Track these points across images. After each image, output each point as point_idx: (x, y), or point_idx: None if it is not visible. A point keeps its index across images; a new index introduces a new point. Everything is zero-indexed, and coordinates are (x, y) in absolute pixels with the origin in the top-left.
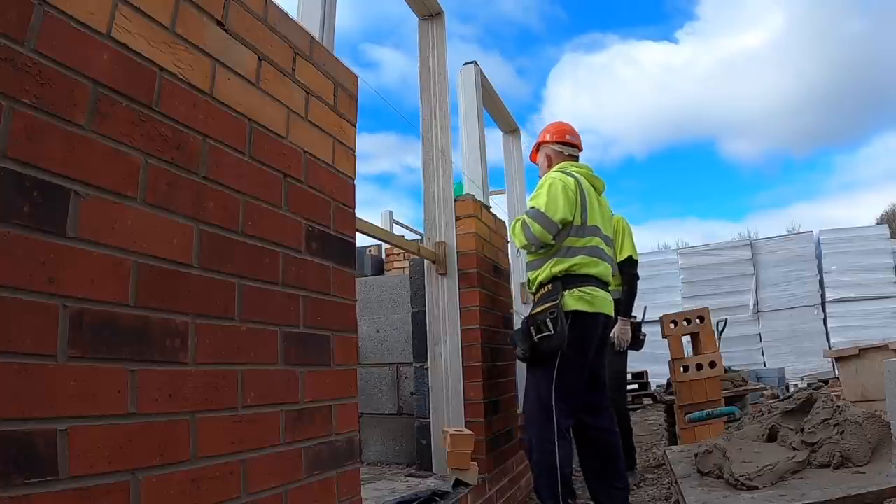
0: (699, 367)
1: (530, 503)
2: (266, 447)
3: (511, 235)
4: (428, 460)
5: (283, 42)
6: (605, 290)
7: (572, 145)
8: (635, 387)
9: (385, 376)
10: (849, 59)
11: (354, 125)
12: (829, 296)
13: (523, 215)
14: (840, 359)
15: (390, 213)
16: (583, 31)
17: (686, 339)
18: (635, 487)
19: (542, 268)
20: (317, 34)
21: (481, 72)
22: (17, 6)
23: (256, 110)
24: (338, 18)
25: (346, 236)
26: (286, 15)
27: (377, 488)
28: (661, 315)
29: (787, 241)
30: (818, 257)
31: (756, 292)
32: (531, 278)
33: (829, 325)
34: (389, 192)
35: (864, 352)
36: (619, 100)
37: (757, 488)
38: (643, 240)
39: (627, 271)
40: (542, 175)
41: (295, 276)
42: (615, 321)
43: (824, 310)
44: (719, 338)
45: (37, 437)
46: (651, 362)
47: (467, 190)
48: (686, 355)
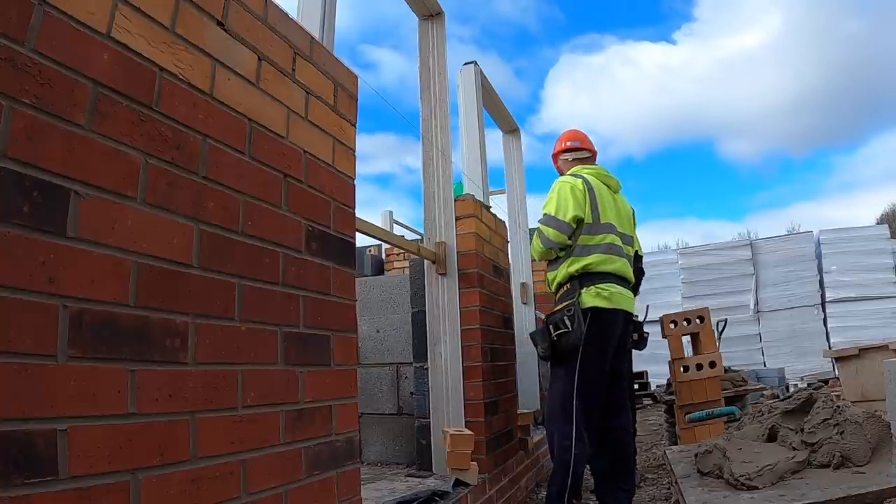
0: (699, 367)
1: (530, 503)
2: (266, 447)
3: (531, 253)
4: (428, 460)
5: (283, 42)
6: (624, 287)
7: (577, 149)
8: (635, 387)
9: (385, 376)
10: (846, 59)
11: (354, 125)
12: (829, 296)
13: (538, 226)
14: (840, 359)
15: (390, 213)
16: (580, 32)
17: (686, 339)
18: (635, 488)
19: (560, 268)
20: (317, 34)
21: (481, 72)
22: (17, 6)
23: (256, 110)
24: (337, 19)
25: (346, 236)
26: (286, 15)
27: (377, 488)
28: (661, 315)
29: (787, 241)
30: (818, 257)
31: (756, 292)
32: (550, 279)
33: (829, 325)
34: (389, 193)
35: (864, 352)
36: (617, 100)
37: (757, 488)
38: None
39: (633, 266)
40: None
41: (295, 276)
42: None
43: (824, 310)
44: (719, 338)
45: (37, 437)
46: (651, 362)
47: (467, 190)
48: (686, 355)
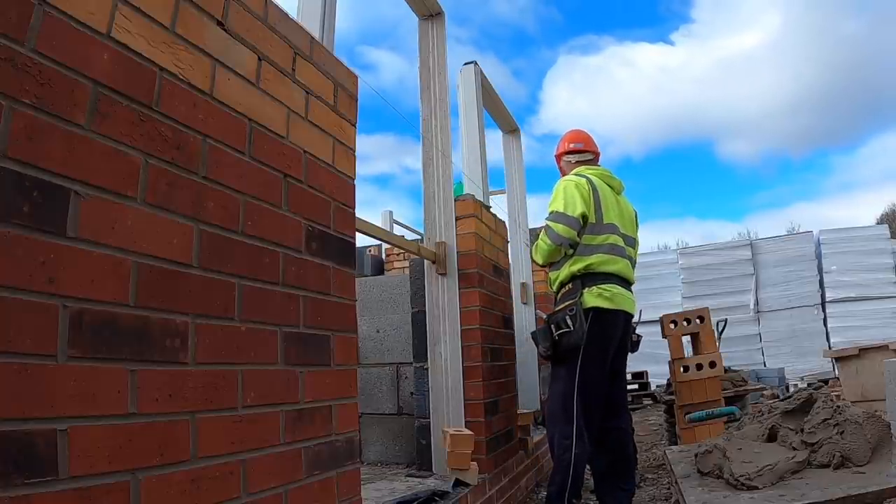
0: (699, 367)
1: (530, 503)
2: (266, 447)
3: (533, 255)
4: (428, 460)
5: (283, 42)
6: (626, 288)
7: (580, 151)
8: (635, 387)
9: (385, 376)
10: (845, 59)
11: (354, 125)
12: (829, 296)
13: (544, 225)
14: (840, 359)
15: (390, 213)
16: (578, 32)
17: (686, 339)
18: (636, 488)
19: (562, 268)
20: (317, 34)
21: (481, 72)
22: (17, 6)
23: (256, 110)
24: (337, 19)
25: (346, 236)
26: (286, 15)
27: (377, 488)
28: (661, 315)
29: (786, 241)
30: (818, 257)
31: (756, 292)
32: (552, 278)
33: (829, 325)
34: (389, 193)
35: (864, 352)
36: (615, 101)
37: (757, 488)
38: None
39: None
40: None
41: (295, 276)
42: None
43: (824, 310)
44: (719, 338)
45: (37, 437)
46: (651, 362)
47: (467, 190)
48: (686, 355)
